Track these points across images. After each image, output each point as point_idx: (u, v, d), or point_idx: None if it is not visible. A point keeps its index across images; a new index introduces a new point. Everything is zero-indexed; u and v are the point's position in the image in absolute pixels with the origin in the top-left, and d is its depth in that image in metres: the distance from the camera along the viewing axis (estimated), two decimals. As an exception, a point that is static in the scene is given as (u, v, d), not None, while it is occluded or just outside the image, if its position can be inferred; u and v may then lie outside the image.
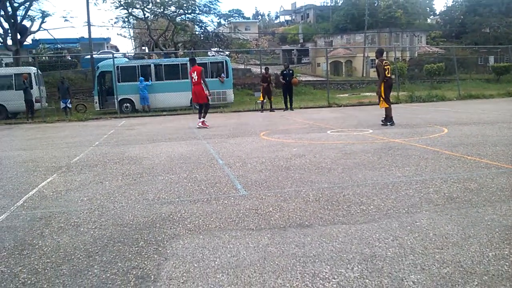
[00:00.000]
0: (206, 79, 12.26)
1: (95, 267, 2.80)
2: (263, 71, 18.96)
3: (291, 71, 18.74)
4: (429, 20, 65.57)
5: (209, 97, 12.12)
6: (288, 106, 18.56)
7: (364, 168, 5.45)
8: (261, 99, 18.62)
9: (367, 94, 26.44)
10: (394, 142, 7.52)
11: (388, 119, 10.39)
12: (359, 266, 2.62)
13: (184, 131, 11.35)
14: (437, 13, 65.32)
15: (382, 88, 10.26)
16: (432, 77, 33.84)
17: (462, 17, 54.88)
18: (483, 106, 14.53)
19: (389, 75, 10.37)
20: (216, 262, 2.77)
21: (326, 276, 2.51)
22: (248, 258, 2.81)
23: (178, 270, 2.68)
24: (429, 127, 9.64)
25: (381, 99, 10.20)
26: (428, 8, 63.25)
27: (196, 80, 11.82)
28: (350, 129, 9.91)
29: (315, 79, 36.82)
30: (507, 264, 2.59)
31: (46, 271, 2.77)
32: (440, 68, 34.05)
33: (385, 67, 10.25)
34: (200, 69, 11.89)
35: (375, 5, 54.80)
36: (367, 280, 2.44)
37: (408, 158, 5.95)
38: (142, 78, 20.49)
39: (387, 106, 10.28)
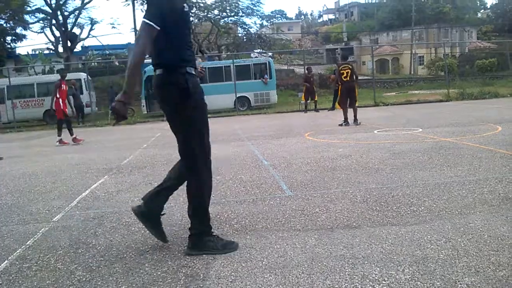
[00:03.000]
0: (250, 81, 12.19)
1: (146, 265, 2.87)
2: (306, 71, 18.83)
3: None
4: (479, 14, 62.95)
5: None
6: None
7: (414, 168, 5.30)
8: (303, 99, 18.50)
9: (415, 92, 25.73)
10: (445, 141, 7.28)
11: (344, 120, 11.18)
12: (410, 268, 2.55)
13: (228, 133, 11.47)
14: (488, 7, 62.64)
15: (339, 92, 11.58)
16: (484, 73, 32.48)
17: (515, 10, 52.36)
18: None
19: (346, 79, 11.04)
20: (263, 262, 2.77)
21: (376, 278, 2.46)
22: (295, 258, 2.80)
23: (226, 269, 2.71)
24: (482, 125, 9.25)
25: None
26: (478, 2, 60.81)
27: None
28: (398, 129, 9.67)
29: (360, 78, 36.18)
30: None
31: (100, 268, 2.87)
32: (492, 64, 32.65)
33: (341, 71, 11.17)
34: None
35: (422, 0, 53.16)
36: (418, 283, 2.37)
37: (461, 158, 5.73)
38: None
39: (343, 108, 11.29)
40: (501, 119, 10.06)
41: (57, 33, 26.54)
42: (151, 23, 2.65)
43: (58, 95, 10.87)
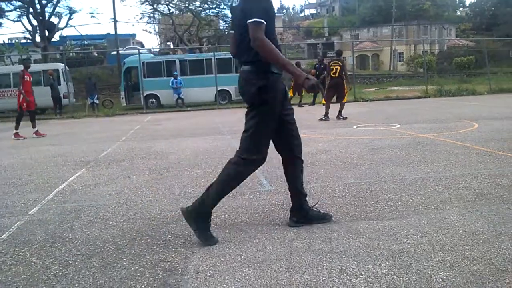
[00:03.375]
0: (231, 74, 12.18)
1: (124, 259, 2.84)
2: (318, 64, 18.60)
3: (322, 66, 18.35)
4: (458, 12, 63.92)
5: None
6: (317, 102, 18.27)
7: (392, 163, 5.37)
8: (291, 94, 18.43)
9: (395, 88, 26.03)
10: (423, 137, 7.39)
11: (325, 115, 11.44)
12: (387, 262, 2.59)
13: (209, 126, 11.43)
14: (467, 5, 63.65)
15: (326, 87, 11.72)
16: (461, 71, 33.07)
17: (493, 8, 53.32)
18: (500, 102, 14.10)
19: (335, 75, 11.27)
20: (242, 257, 2.78)
21: (353, 271, 2.49)
22: (274, 253, 2.81)
23: (205, 263, 2.71)
24: (459, 121, 9.43)
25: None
26: (457, 0, 61.69)
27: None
28: (377, 124, 9.78)
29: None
30: (541, 262, 2.51)
31: (76, 263, 2.83)
32: (470, 61, 33.24)
33: (331, 67, 11.39)
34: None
35: (403, -3, 53.73)
36: (395, 277, 2.40)
37: (437, 154, 5.83)
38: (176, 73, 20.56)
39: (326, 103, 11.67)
40: (478, 116, 10.26)
41: (35, 22, 25.96)
42: (261, 20, 2.78)
43: (21, 87, 10.53)
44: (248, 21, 2.80)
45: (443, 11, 56.11)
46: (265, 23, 2.80)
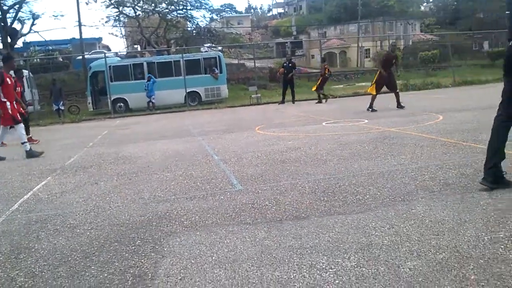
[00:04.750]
0: (200, 76, 12.10)
1: (92, 267, 2.78)
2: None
3: (290, 64, 18.41)
4: (422, 8, 65.46)
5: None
6: (288, 99, 18.33)
7: (360, 158, 5.44)
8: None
9: (362, 84, 26.43)
10: (390, 131, 7.53)
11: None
12: (356, 255, 2.62)
13: (179, 129, 11.33)
14: (430, 0, 65.21)
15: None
16: (427, 65, 33.88)
17: (455, 3, 54.78)
18: (478, 92, 14.54)
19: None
20: (213, 258, 2.76)
21: (323, 266, 2.51)
22: (245, 252, 2.80)
23: (175, 267, 2.68)
24: (425, 114, 9.64)
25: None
26: (421, -5, 63.17)
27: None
28: (346, 120, 9.90)
29: (309, 71, 36.80)
30: (502, 247, 2.59)
31: (43, 273, 2.75)
32: (435, 55, 34.10)
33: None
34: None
35: (368, -6, 54.64)
36: (363, 269, 2.43)
37: (404, 147, 5.95)
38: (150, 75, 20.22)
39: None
40: (443, 109, 10.53)
41: (-4, 29, 25.18)
42: None
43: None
44: None
45: (408, 7, 57.37)
46: None
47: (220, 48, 34.60)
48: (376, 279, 2.31)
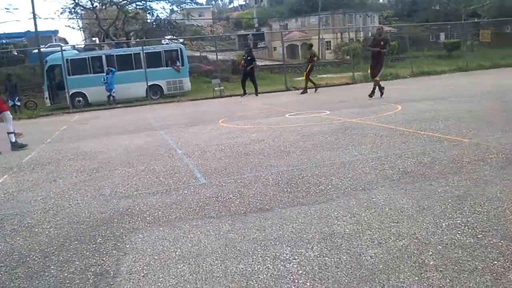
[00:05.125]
0: (161, 68, 11.90)
1: (52, 267, 2.71)
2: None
3: (249, 58, 18.32)
4: (381, 0, 66.66)
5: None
6: (251, 92, 18.21)
7: (322, 149, 5.52)
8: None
9: (324, 76, 26.74)
10: (351, 122, 7.66)
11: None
12: (319, 245, 2.66)
13: (140, 123, 11.13)
14: (389, -8, 66.40)
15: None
16: (385, 56, 34.54)
17: (413, -5, 56.06)
18: (435, 82, 14.99)
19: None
20: (177, 253, 2.74)
21: (287, 257, 2.53)
22: (209, 246, 2.79)
23: (138, 264, 2.64)
24: (384, 105, 9.86)
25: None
26: (379, -12, 64.26)
27: None
28: (308, 112, 10.00)
29: (272, 63, 36.90)
30: (459, 232, 2.69)
31: (0, 275, 2.66)
32: (393, 47, 34.76)
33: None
34: None
35: (328, -14, 55.11)
36: (326, 258, 2.47)
37: (364, 137, 6.07)
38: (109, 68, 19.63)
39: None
40: (401, 99, 10.79)
41: None
42: None
43: None
44: None
45: (367, -1, 58.23)
46: None
47: (181, 40, 34.10)
48: (338, 268, 2.36)
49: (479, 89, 11.53)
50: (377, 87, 11.76)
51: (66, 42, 46.00)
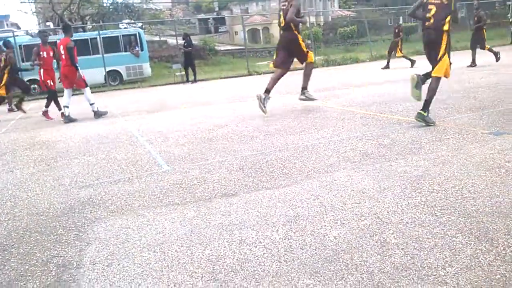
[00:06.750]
0: (120, 54, 11.65)
1: (12, 260, 2.62)
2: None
3: (186, 44, 17.97)
4: (340, -16, 67.19)
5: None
6: (191, 78, 17.93)
7: (285, 133, 5.56)
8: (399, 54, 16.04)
9: (285, 60, 26.81)
10: (313, 105, 7.74)
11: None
12: (284, 228, 2.69)
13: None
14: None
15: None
16: (346, 40, 35.02)
17: (372, -21, 56.77)
18: (394, 65, 15.32)
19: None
20: (141, 241, 2.70)
21: (253, 241, 2.55)
22: (174, 233, 2.78)
23: (101, 253, 2.59)
24: (345, 89, 10.01)
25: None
26: (338, -28, 64.64)
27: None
28: (271, 96, 10.00)
29: (233, 48, 36.65)
30: (418, 211, 2.78)
31: (-46, 272, 2.55)
32: (353, 31, 35.32)
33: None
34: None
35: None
36: (291, 240, 2.51)
37: (327, 120, 6.15)
38: None
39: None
40: (362, 82, 10.99)
41: None
42: None
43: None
44: None
45: (325, -18, 58.54)
46: None
47: (140, 24, 33.25)
48: (303, 249, 2.40)
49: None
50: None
51: (18, 27, 43.99)
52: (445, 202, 2.88)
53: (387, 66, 15.30)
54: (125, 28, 28.36)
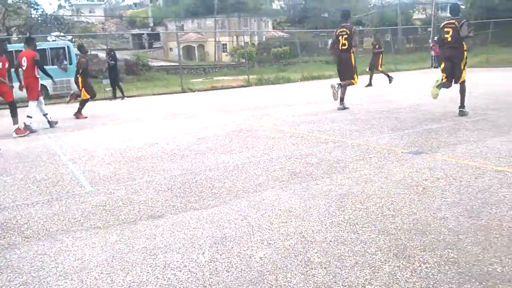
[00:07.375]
0: (47, 67, 11.12)
1: None
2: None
3: (110, 59, 17.64)
4: (274, 6, 68.96)
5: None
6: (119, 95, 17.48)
7: (216, 151, 5.53)
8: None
9: (220, 78, 26.92)
10: (245, 124, 7.79)
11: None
12: (210, 250, 2.65)
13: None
14: (281, -1, 69.08)
15: None
16: (278, 60, 35.87)
17: (303, 2, 58.87)
18: (323, 86, 15.84)
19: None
20: (58, 269, 2.54)
21: (178, 265, 2.48)
22: (94, 259, 2.64)
23: (13, 283, 2.40)
24: (275, 108, 10.18)
25: None
26: (273, -7, 66.52)
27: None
28: (204, 114, 9.97)
29: (167, 64, 36.27)
30: (341, 229, 2.86)
31: None
32: (286, 52, 36.26)
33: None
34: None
35: (223, -11, 55.67)
36: (217, 263, 2.47)
37: (258, 139, 6.20)
38: None
39: None
40: (293, 102, 11.24)
41: None
42: None
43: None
44: None
45: (261, 4, 59.93)
46: None
47: (70, 37, 32.02)
48: (229, 272, 2.37)
49: (364, 93, 12.42)
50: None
51: None
52: (366, 220, 2.98)
53: (369, 84, 14.73)
54: (53, 41, 27.18)
